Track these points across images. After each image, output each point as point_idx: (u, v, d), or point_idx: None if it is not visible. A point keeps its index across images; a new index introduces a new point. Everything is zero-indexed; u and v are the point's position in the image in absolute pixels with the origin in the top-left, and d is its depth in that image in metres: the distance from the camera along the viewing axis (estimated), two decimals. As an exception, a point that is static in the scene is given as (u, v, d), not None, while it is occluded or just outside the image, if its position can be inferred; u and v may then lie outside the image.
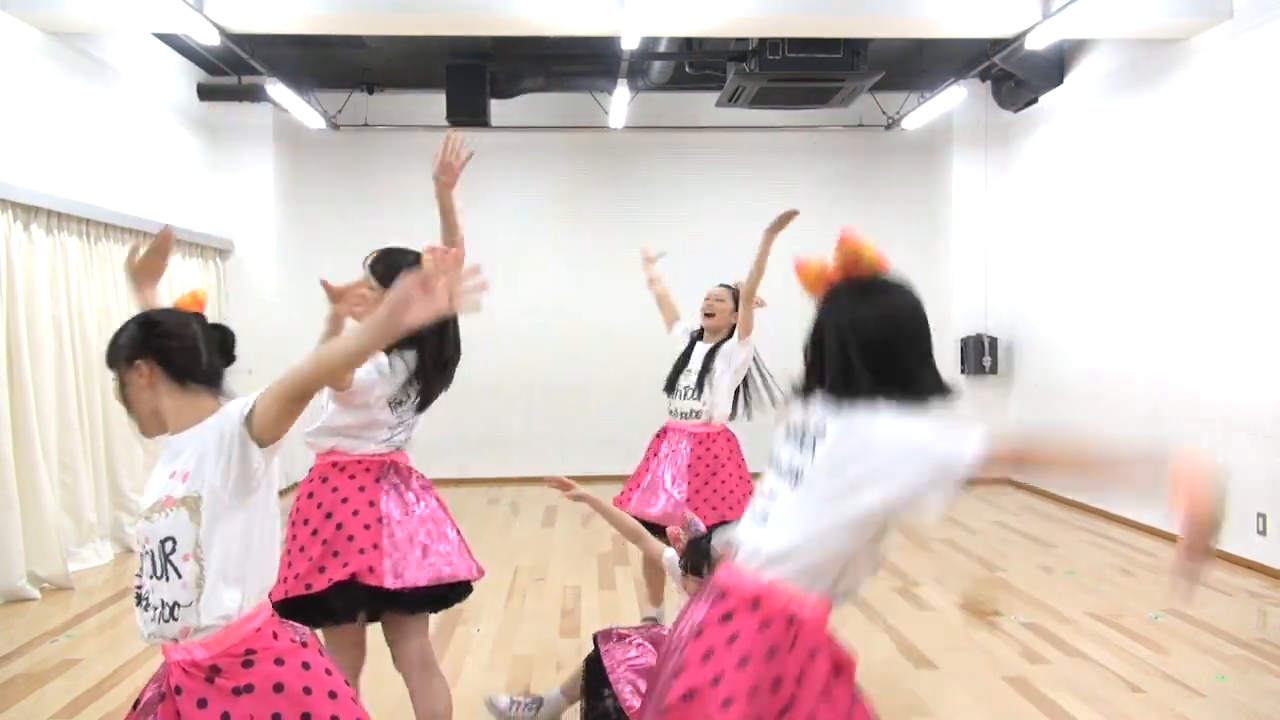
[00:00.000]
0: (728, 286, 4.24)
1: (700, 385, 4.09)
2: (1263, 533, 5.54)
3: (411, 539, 2.65)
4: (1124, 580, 5.42)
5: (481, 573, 2.84)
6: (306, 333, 8.09)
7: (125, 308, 6.64)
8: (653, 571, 4.14)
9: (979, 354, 8.71)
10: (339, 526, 2.60)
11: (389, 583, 2.56)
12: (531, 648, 4.35)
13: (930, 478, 1.59)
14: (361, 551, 2.57)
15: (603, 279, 9.20)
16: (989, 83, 8.71)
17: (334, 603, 2.57)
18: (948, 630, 4.55)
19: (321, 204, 9.13)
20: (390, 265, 2.71)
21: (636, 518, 3.52)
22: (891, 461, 1.61)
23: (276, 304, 8.62)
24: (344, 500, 2.64)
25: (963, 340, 8.80)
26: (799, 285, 1.93)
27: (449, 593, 2.76)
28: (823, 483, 1.68)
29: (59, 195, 5.84)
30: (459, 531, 2.85)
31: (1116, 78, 7.10)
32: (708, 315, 4.20)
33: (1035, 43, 6.22)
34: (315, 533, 2.61)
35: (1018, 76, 8.03)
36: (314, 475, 2.73)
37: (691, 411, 4.13)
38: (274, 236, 8.59)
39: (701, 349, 4.20)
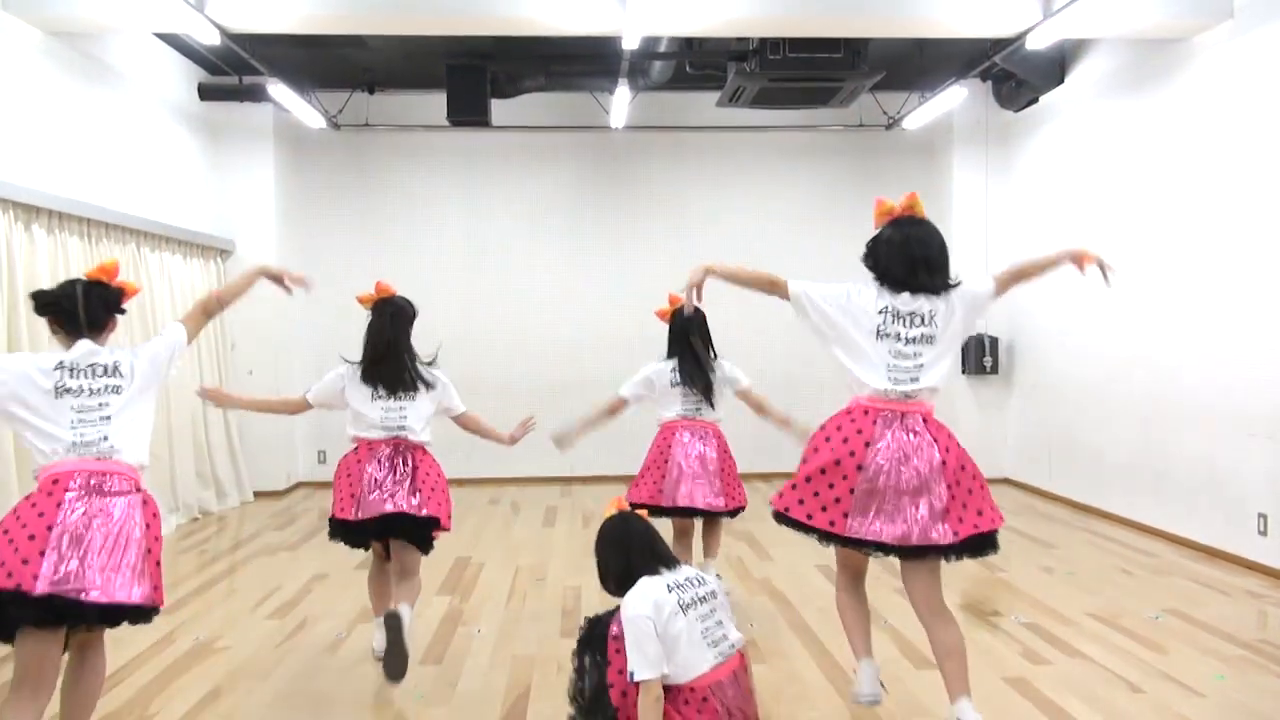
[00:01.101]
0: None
1: None
2: (1263, 533, 5.54)
3: (381, 491, 3.81)
4: (1124, 581, 5.42)
5: (424, 510, 3.81)
6: (307, 332, 8.04)
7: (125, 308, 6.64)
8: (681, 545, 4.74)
9: (979, 354, 8.71)
10: (349, 481, 3.90)
11: (353, 517, 3.82)
12: (531, 647, 4.35)
13: (979, 307, 3.18)
14: (354, 496, 3.84)
15: (604, 278, 9.21)
16: (989, 82, 8.71)
17: (354, 532, 3.91)
18: (948, 630, 4.55)
19: (322, 204, 9.13)
20: None
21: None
22: (968, 311, 3.12)
23: (276, 304, 8.61)
24: (347, 472, 3.94)
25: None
26: (874, 215, 3.17)
27: (396, 524, 3.82)
28: (946, 341, 3.07)
29: (60, 195, 5.84)
30: (430, 485, 3.92)
31: (1117, 78, 7.10)
32: None
33: (1035, 43, 6.21)
34: (343, 487, 3.92)
35: (1018, 76, 8.03)
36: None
37: None
38: (274, 236, 8.59)
39: None
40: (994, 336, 8.75)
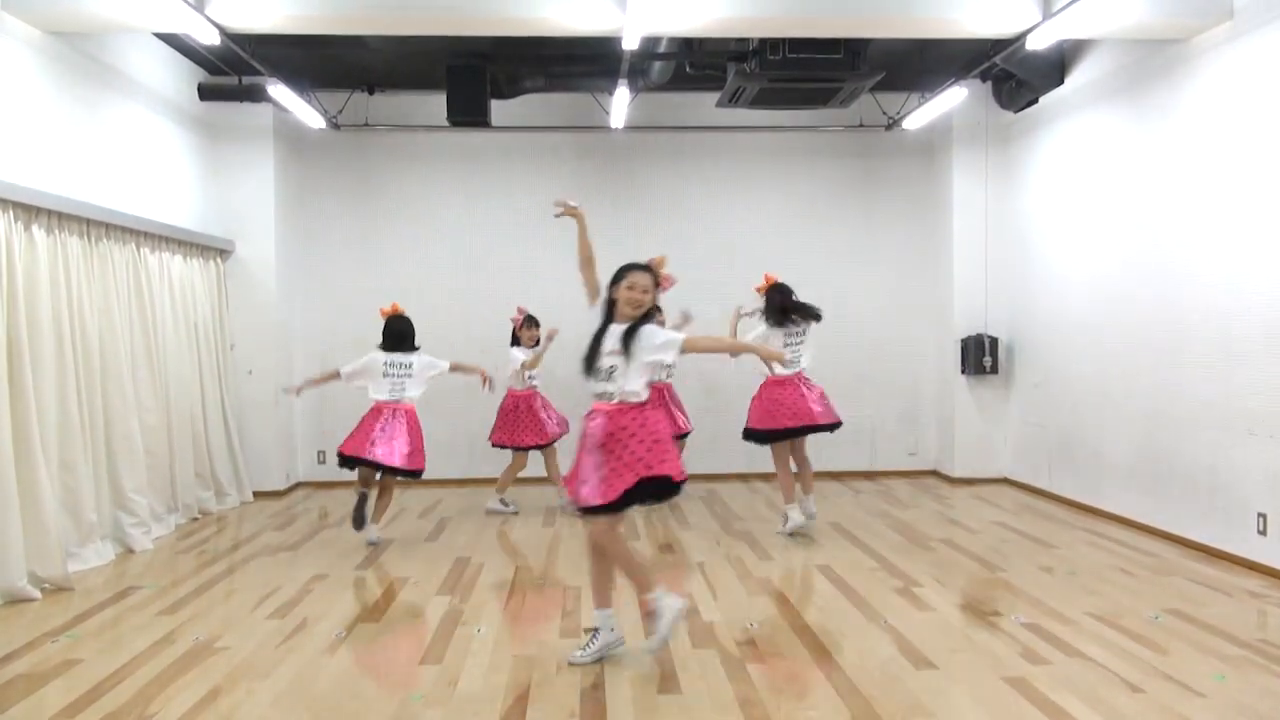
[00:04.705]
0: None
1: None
2: (1263, 533, 5.54)
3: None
4: (1124, 581, 5.42)
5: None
6: (307, 332, 7.96)
7: (125, 307, 6.65)
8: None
9: (979, 354, 8.71)
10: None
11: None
12: (531, 648, 4.35)
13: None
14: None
15: (603, 279, 9.19)
16: (989, 83, 8.71)
17: None
18: (948, 630, 4.55)
19: (321, 204, 9.13)
20: None
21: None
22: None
23: (276, 304, 8.62)
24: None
25: (963, 340, 8.80)
26: None
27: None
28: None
29: (60, 195, 5.84)
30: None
31: (1117, 78, 7.10)
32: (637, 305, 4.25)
33: (1035, 43, 6.21)
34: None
35: (1018, 77, 8.03)
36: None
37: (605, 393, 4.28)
38: (274, 236, 8.58)
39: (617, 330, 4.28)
40: (994, 336, 8.75)
